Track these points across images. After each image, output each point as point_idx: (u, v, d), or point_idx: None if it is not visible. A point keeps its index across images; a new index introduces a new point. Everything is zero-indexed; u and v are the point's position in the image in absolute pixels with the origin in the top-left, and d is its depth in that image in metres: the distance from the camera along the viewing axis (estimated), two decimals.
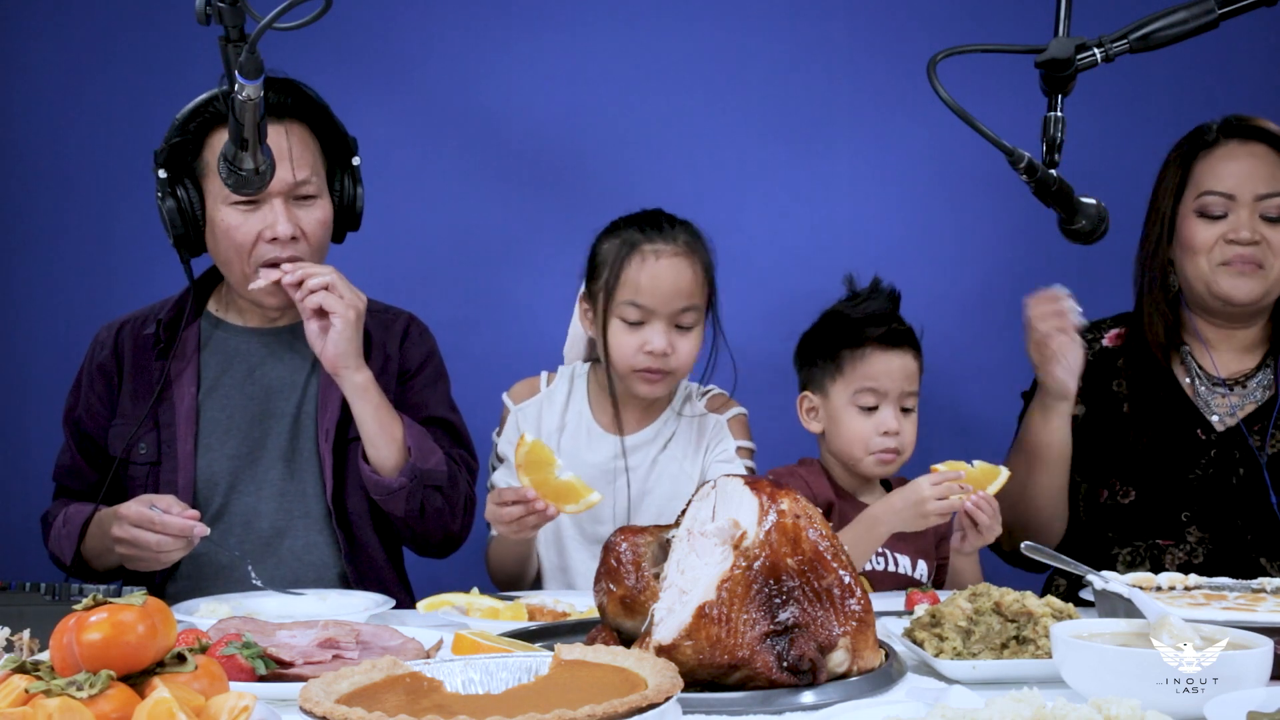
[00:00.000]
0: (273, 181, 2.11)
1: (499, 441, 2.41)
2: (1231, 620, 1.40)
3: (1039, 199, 1.76)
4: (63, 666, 1.13)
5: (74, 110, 3.00)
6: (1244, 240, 2.22)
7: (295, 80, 2.23)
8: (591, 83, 3.05)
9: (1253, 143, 2.26)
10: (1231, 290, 2.24)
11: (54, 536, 2.24)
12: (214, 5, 1.57)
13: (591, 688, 1.15)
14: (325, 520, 2.25)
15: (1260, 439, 2.23)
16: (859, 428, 2.20)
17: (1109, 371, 2.36)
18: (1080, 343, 2.18)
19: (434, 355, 2.41)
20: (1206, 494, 2.23)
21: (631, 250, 2.24)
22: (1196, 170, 2.28)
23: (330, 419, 2.24)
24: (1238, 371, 2.32)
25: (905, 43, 2.99)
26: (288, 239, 2.16)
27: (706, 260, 2.30)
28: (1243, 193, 2.23)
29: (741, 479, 1.43)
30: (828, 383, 2.24)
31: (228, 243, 2.18)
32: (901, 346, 2.23)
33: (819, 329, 2.30)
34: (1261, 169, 2.24)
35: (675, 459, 2.34)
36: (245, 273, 2.19)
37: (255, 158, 1.76)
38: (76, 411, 2.31)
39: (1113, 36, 1.70)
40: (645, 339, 2.22)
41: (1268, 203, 2.23)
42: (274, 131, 2.15)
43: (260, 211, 2.16)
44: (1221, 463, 2.23)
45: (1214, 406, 2.29)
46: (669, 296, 2.22)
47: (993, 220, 3.01)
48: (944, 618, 1.52)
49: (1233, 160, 2.26)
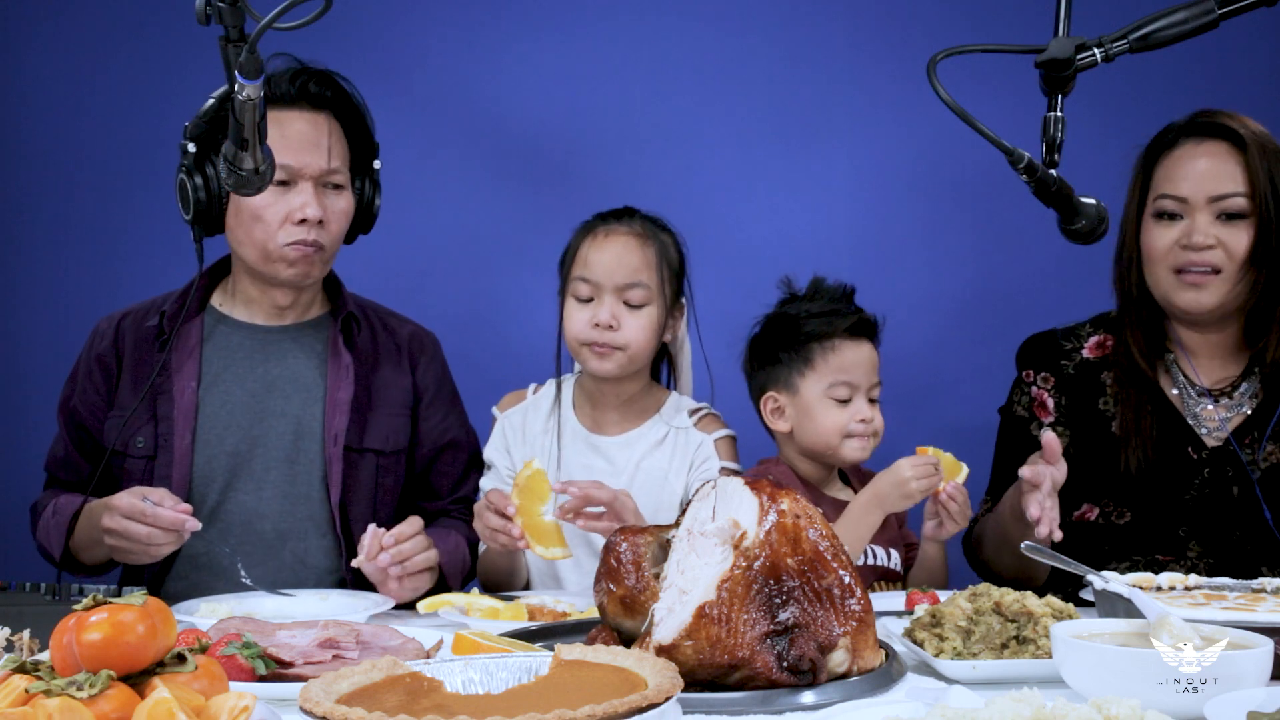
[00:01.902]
0: (307, 165, 2.16)
1: (486, 449, 2.43)
2: (1231, 620, 1.40)
3: (1039, 199, 1.76)
4: (63, 666, 1.13)
5: (75, 109, 3.00)
6: (1197, 245, 2.13)
7: (338, 75, 2.25)
8: (591, 83, 3.05)
9: (1210, 141, 2.18)
10: (1188, 303, 2.17)
11: (42, 527, 2.23)
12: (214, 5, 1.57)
13: (591, 688, 1.15)
14: (329, 524, 2.24)
15: (1252, 453, 2.18)
16: (835, 419, 2.22)
17: (1093, 388, 2.29)
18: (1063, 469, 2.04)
19: (446, 374, 2.43)
20: (1202, 512, 2.19)
21: (588, 232, 2.32)
22: (1156, 173, 2.21)
23: (340, 423, 2.23)
24: (1223, 380, 2.26)
25: (905, 43, 3.00)
26: (316, 221, 2.18)
27: (665, 249, 2.31)
28: (1196, 195, 2.15)
29: (742, 479, 1.43)
30: (796, 379, 2.25)
31: (256, 222, 2.17)
32: (868, 337, 2.26)
33: (776, 328, 2.30)
34: (1217, 168, 2.14)
35: (660, 467, 2.34)
36: (268, 249, 2.19)
37: (255, 157, 1.76)
38: (72, 402, 2.29)
39: (1113, 36, 1.69)
40: (593, 313, 2.27)
41: (1224, 203, 2.14)
42: (312, 119, 2.20)
43: (291, 194, 2.17)
44: (1215, 481, 2.19)
45: (1203, 419, 2.23)
46: (613, 270, 2.26)
47: (993, 220, 3.01)
48: (944, 618, 1.52)
49: (1188, 161, 2.18)
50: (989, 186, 2.89)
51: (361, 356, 2.31)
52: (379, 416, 2.30)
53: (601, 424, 2.38)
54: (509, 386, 2.51)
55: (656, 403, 2.40)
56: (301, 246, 2.18)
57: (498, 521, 2.00)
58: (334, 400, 2.25)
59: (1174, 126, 2.23)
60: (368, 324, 2.36)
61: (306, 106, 2.20)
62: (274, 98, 2.18)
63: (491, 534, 2.03)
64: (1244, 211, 2.14)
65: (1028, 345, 2.39)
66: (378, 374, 2.32)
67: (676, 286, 2.34)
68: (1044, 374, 2.34)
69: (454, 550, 2.22)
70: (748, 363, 2.35)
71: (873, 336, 2.27)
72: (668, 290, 2.31)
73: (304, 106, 2.20)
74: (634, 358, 2.30)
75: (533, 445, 2.36)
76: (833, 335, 2.23)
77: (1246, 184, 2.14)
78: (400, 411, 2.32)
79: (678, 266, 2.34)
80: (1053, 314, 2.40)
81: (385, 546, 1.98)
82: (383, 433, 2.29)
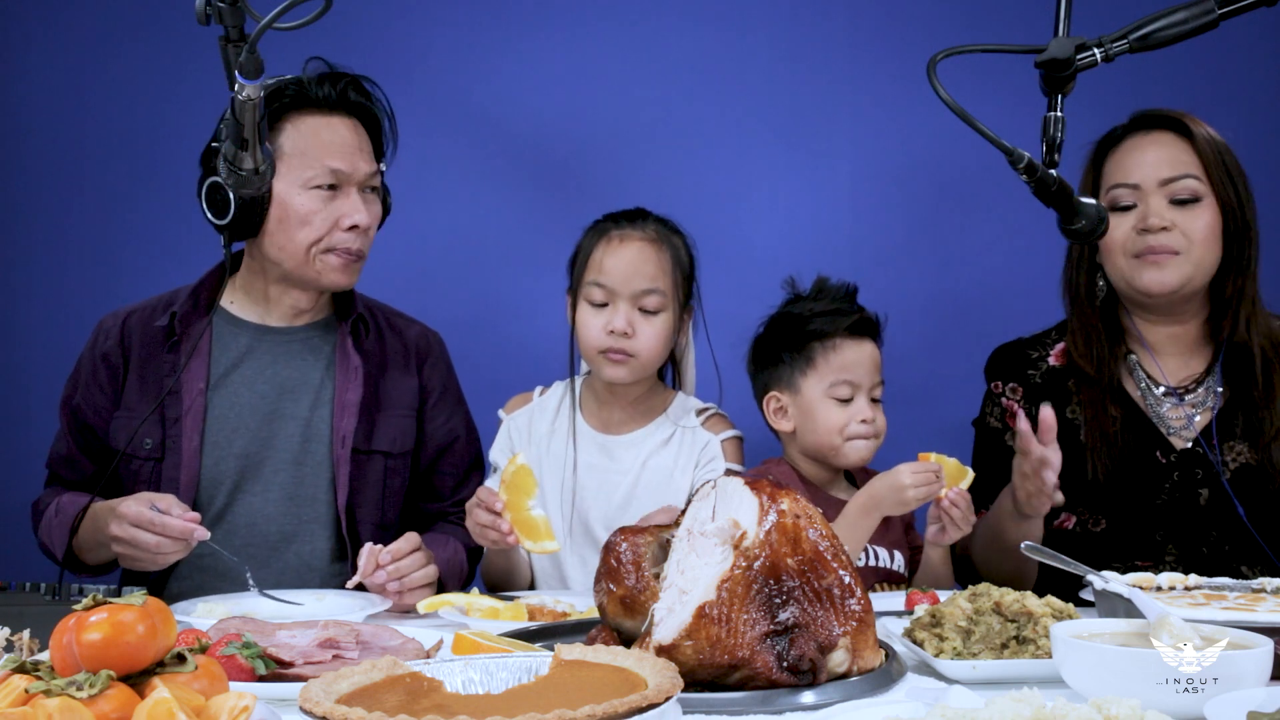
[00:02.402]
0: (355, 171, 2.18)
1: (491, 450, 2.45)
2: (1231, 620, 1.40)
3: (1039, 199, 1.76)
4: (63, 666, 1.13)
5: (75, 109, 3.00)
6: (1154, 228, 2.15)
7: (370, 80, 2.27)
8: (591, 83, 3.05)
9: (1156, 131, 2.21)
10: (1150, 283, 2.17)
11: (44, 525, 2.22)
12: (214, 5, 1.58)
13: (591, 688, 1.15)
14: (333, 526, 2.24)
15: (1220, 454, 2.18)
16: (836, 418, 2.22)
17: (1061, 395, 2.28)
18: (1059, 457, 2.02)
19: (451, 374, 2.44)
20: (1176, 515, 2.18)
21: (601, 236, 2.32)
22: (1106, 167, 2.24)
23: (348, 425, 2.23)
24: (1187, 378, 2.25)
25: (905, 43, 3.00)
26: (365, 229, 2.20)
27: (678, 253, 2.32)
28: (1147, 180, 2.17)
29: (742, 479, 1.43)
30: (798, 379, 2.25)
31: (303, 227, 2.17)
32: (869, 336, 2.26)
33: (780, 328, 2.30)
34: (1165, 154, 2.18)
35: (665, 466, 2.34)
36: (312, 254, 2.19)
37: (255, 157, 1.76)
38: (75, 400, 2.28)
39: (1113, 36, 1.69)
40: (608, 319, 2.26)
41: (1175, 186, 2.16)
42: (352, 126, 2.22)
43: (339, 200, 2.18)
44: (1186, 484, 2.18)
45: (1169, 420, 2.22)
46: (629, 277, 2.27)
47: (992, 221, 3.01)
48: (944, 618, 1.52)
49: (1136, 151, 2.21)
50: (988, 186, 2.89)
51: (370, 358, 2.31)
52: (386, 418, 2.30)
53: (609, 423, 2.39)
54: (510, 387, 2.51)
55: (663, 403, 2.40)
56: (345, 255, 2.19)
57: (487, 518, 2.01)
58: (342, 402, 2.25)
59: (1120, 126, 2.26)
60: (375, 325, 2.35)
61: (346, 112, 2.21)
62: (314, 101, 2.18)
63: (481, 530, 2.03)
64: (1197, 194, 2.17)
65: (995, 356, 2.40)
66: (385, 376, 2.32)
67: (687, 289, 2.35)
68: (1012, 384, 2.34)
69: (451, 558, 2.22)
70: (751, 363, 2.36)
71: (875, 336, 2.28)
72: (680, 294, 2.32)
73: (344, 112, 2.21)
74: (647, 364, 2.31)
75: (538, 446, 2.37)
76: (834, 334, 2.23)
77: (1199, 167, 2.17)
78: (407, 413, 2.32)
79: (689, 269, 2.35)
80: (1053, 314, 2.40)
81: (382, 564, 1.97)
82: (390, 434, 2.29)
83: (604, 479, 2.34)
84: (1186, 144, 2.19)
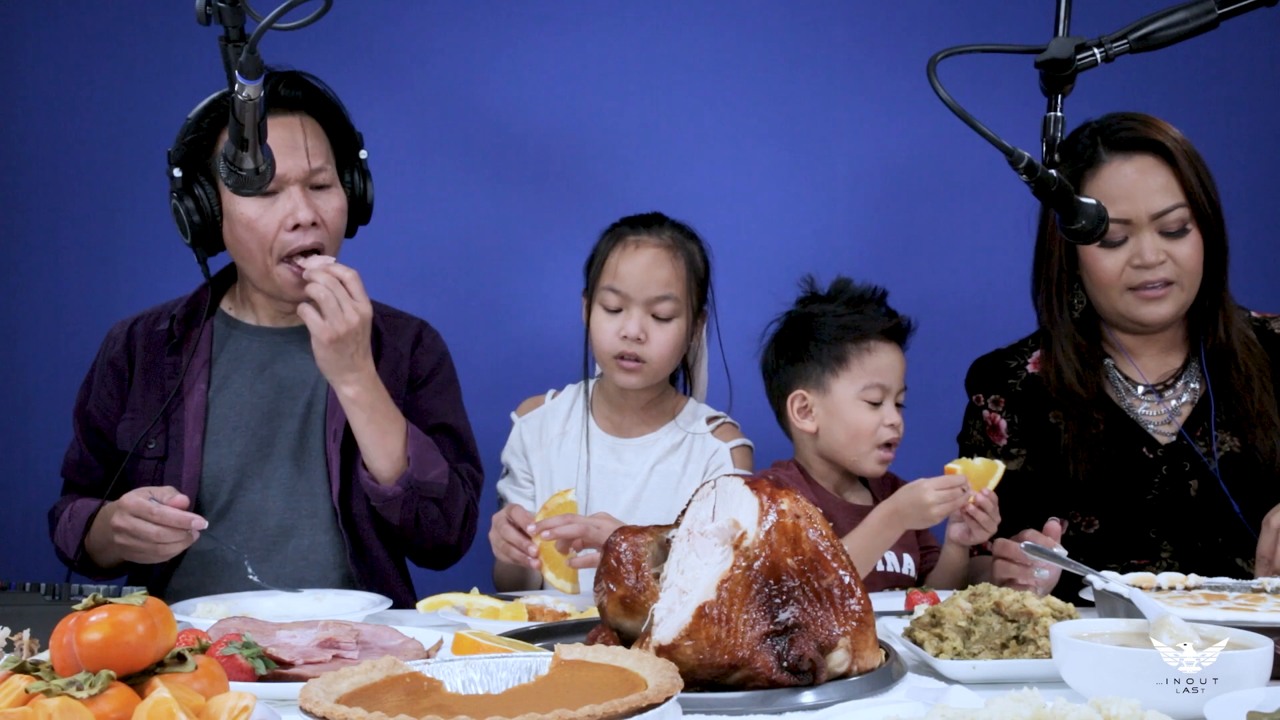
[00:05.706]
0: (289, 170, 2.15)
1: (503, 452, 2.45)
2: (1231, 620, 1.40)
3: (1039, 199, 1.76)
4: (63, 666, 1.13)
5: (75, 110, 3.00)
6: (1150, 264, 2.13)
7: (305, 74, 2.24)
8: (591, 83, 3.05)
9: (1137, 155, 2.15)
10: (1148, 316, 2.17)
11: (60, 530, 2.25)
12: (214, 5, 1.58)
13: (591, 688, 1.15)
14: (331, 520, 2.25)
15: (1205, 444, 2.18)
16: (866, 422, 2.20)
17: (1041, 401, 2.27)
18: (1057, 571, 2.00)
19: (445, 362, 2.42)
20: (1167, 511, 2.18)
21: (617, 241, 2.32)
22: (1084, 190, 2.15)
23: (340, 419, 2.24)
24: (1165, 374, 2.25)
25: (905, 43, 3.00)
26: (309, 224, 2.18)
27: (693, 260, 2.33)
28: (1139, 215, 2.13)
29: (742, 479, 1.43)
30: (829, 379, 2.22)
31: (250, 235, 2.18)
32: (902, 342, 2.25)
33: (806, 326, 2.27)
34: (1153, 184, 2.13)
35: (674, 471, 2.35)
36: (267, 264, 2.20)
37: (255, 157, 1.76)
38: (87, 406, 2.32)
39: (1113, 36, 1.69)
40: (621, 324, 2.27)
41: (1166, 219, 2.13)
42: (286, 123, 2.18)
43: (279, 201, 2.17)
44: (1174, 478, 2.18)
45: (1149, 416, 2.22)
46: (644, 283, 2.27)
47: (991, 221, 3.01)
48: (944, 618, 1.52)
49: (1122, 179, 2.14)
50: (988, 186, 2.89)
51: None
52: None
53: (620, 427, 2.40)
54: (510, 387, 2.52)
55: (674, 408, 2.42)
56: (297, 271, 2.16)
57: (515, 537, 2.03)
58: (335, 399, 2.25)
59: (1087, 142, 2.19)
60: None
61: (279, 111, 2.18)
62: None
63: (506, 546, 2.05)
64: (1185, 223, 2.15)
65: (975, 369, 2.39)
66: (378, 370, 2.31)
67: (701, 295, 2.35)
68: (994, 396, 2.34)
69: (425, 448, 2.20)
70: (768, 360, 2.33)
71: (903, 341, 2.26)
72: (693, 300, 2.32)
73: (276, 111, 2.18)
74: (659, 371, 2.32)
75: (550, 449, 2.38)
76: (869, 336, 2.21)
77: (1183, 195, 2.14)
78: (395, 389, 2.30)
79: (703, 276, 2.36)
80: None
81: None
82: None
83: (612, 481, 2.35)
84: (1170, 170, 2.14)
